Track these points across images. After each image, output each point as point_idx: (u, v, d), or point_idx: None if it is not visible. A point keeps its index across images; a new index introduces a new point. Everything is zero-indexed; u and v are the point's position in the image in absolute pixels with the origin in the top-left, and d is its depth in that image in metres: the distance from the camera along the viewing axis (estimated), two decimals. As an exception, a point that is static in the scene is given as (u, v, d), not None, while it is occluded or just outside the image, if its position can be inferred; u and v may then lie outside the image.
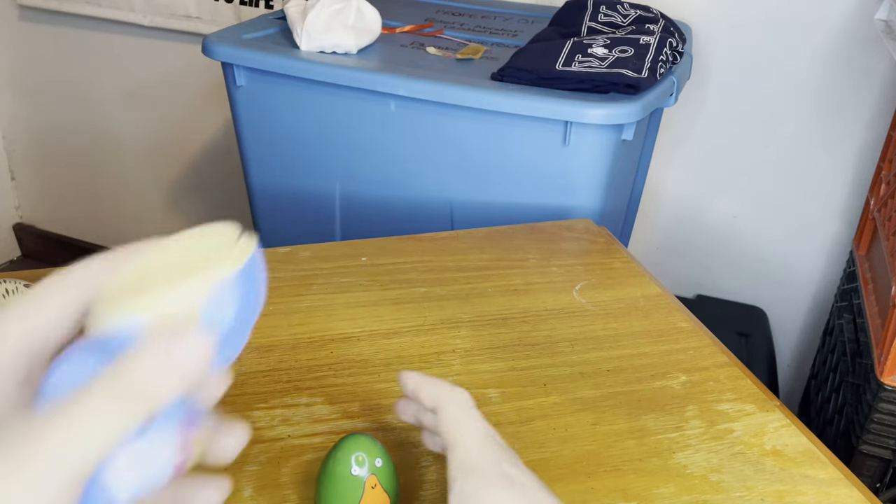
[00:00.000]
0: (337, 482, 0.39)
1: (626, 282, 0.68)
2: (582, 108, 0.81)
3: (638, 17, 1.01)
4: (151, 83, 1.63)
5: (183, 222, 1.78)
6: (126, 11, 1.53)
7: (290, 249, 0.71)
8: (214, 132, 1.62)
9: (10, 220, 1.98)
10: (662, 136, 1.21)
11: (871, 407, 0.85)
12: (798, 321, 1.33)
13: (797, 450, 0.49)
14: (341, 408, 0.51)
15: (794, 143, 1.20)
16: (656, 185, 1.30)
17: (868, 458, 0.88)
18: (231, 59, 0.93)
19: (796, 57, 1.15)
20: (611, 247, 0.75)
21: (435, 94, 0.85)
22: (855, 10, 1.09)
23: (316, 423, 0.50)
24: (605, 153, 0.85)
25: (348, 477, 0.39)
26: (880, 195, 1.04)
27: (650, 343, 0.60)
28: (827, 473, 0.48)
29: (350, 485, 0.39)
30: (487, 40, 1.03)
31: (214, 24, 1.45)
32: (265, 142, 0.99)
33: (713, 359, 0.58)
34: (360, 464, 0.39)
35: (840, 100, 1.15)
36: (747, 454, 0.49)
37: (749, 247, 1.30)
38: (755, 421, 0.52)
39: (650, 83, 0.85)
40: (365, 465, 0.39)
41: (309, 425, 0.50)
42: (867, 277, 1.02)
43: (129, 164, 1.77)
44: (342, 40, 0.93)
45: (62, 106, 1.76)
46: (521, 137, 0.86)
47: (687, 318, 0.63)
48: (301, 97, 0.93)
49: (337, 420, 0.50)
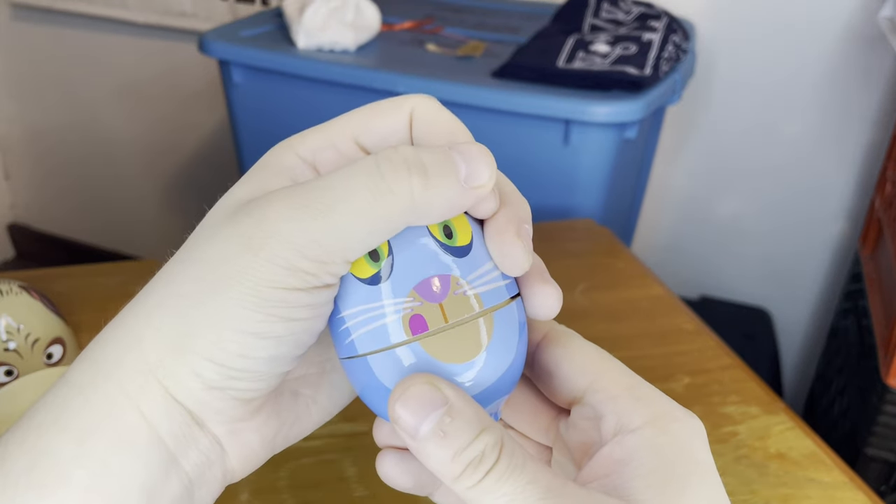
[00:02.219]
0: None
1: (629, 283, 0.67)
2: (584, 106, 0.80)
3: (641, 14, 1.00)
4: (147, 81, 1.62)
5: (178, 221, 1.77)
6: (120, 9, 1.53)
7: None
8: (211, 130, 1.62)
9: (4, 220, 1.98)
10: (666, 134, 1.20)
11: (876, 409, 0.84)
12: (803, 323, 1.32)
13: (802, 453, 0.49)
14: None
15: (798, 141, 1.20)
16: (659, 184, 1.29)
17: (873, 461, 0.87)
18: (228, 57, 0.92)
19: (801, 55, 1.14)
20: (613, 247, 0.74)
21: (435, 91, 0.84)
22: (860, 8, 1.08)
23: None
24: (608, 152, 0.84)
25: None
26: (886, 195, 1.03)
27: (653, 345, 0.59)
28: (832, 477, 0.47)
29: None
30: (488, 37, 1.03)
31: (210, 22, 1.44)
32: (262, 140, 0.99)
33: (717, 361, 0.57)
34: None
35: (845, 98, 1.14)
36: (752, 457, 0.48)
37: (753, 247, 1.30)
38: (760, 423, 0.51)
39: (653, 81, 0.84)
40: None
41: (305, 428, 0.49)
42: (872, 278, 1.01)
43: (124, 162, 1.76)
44: (340, 37, 0.92)
45: (56, 104, 1.76)
46: (522, 136, 0.85)
47: (691, 320, 0.62)
48: (299, 95, 0.92)
49: (335, 423, 0.49)
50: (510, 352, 0.22)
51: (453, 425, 0.20)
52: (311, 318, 0.20)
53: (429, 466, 0.20)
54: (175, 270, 0.21)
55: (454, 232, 0.22)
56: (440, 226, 0.21)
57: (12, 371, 0.47)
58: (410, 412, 0.20)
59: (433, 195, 0.20)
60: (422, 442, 0.20)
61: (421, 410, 0.20)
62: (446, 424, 0.20)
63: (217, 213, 0.22)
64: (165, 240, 1.23)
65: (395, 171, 0.20)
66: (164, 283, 0.21)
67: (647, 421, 0.22)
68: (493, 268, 0.22)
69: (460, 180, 0.20)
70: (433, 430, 0.20)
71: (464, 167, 0.20)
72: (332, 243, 0.19)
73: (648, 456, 0.21)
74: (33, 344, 0.48)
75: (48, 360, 0.49)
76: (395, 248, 0.21)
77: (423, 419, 0.20)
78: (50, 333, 0.49)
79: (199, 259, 0.20)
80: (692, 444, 0.22)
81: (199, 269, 0.20)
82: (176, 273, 0.21)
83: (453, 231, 0.22)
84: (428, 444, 0.20)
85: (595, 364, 0.24)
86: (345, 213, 0.19)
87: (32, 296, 0.49)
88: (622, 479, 0.21)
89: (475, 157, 0.20)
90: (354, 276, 0.21)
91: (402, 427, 0.20)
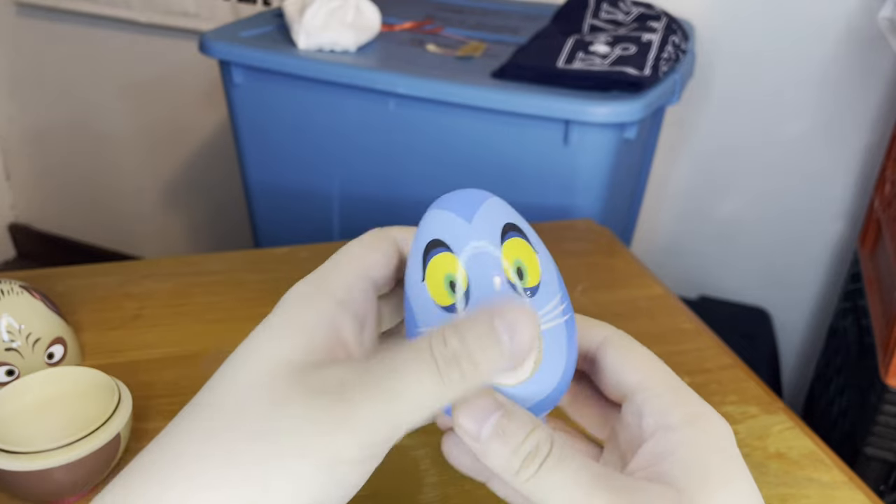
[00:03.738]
0: None
1: (628, 282, 0.68)
2: (584, 107, 0.80)
3: (640, 15, 1.00)
4: (148, 81, 1.62)
5: (180, 221, 1.77)
6: (123, 9, 1.53)
7: (289, 249, 0.70)
8: (212, 131, 1.62)
9: (5, 220, 1.98)
10: (665, 134, 1.20)
11: (875, 409, 0.84)
12: (802, 322, 1.33)
13: (801, 452, 0.49)
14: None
15: (797, 141, 1.20)
16: (659, 184, 1.29)
17: (872, 460, 0.87)
18: (229, 57, 0.93)
19: (800, 55, 1.14)
20: (613, 247, 0.74)
21: (435, 92, 0.84)
22: (859, 8, 1.08)
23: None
24: (608, 152, 0.84)
25: None
26: (885, 195, 1.04)
27: (653, 344, 0.58)
28: (831, 476, 0.47)
29: None
30: (488, 38, 1.03)
31: (212, 22, 1.44)
32: (263, 140, 0.99)
33: (717, 360, 0.57)
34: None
35: (844, 98, 1.14)
36: (751, 457, 0.48)
37: (752, 247, 1.30)
38: (759, 423, 0.51)
39: (653, 81, 0.84)
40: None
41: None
42: (871, 278, 1.01)
43: (125, 163, 1.76)
44: (341, 38, 0.92)
45: (58, 104, 1.76)
46: (522, 136, 0.85)
47: (690, 320, 0.62)
48: (299, 95, 0.93)
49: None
50: (556, 375, 0.25)
51: (510, 425, 0.22)
52: (362, 480, 0.22)
53: (492, 466, 0.23)
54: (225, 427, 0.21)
55: (525, 273, 0.25)
56: (514, 267, 0.25)
57: (13, 371, 0.47)
58: (472, 419, 0.22)
59: (481, 376, 0.22)
60: (484, 443, 0.22)
61: (481, 416, 0.22)
62: (504, 425, 0.22)
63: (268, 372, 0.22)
64: (166, 240, 1.24)
65: (448, 367, 0.21)
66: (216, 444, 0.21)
67: (686, 419, 0.24)
68: (556, 304, 0.25)
69: (504, 355, 0.22)
70: (493, 431, 0.22)
71: (507, 339, 0.21)
72: (400, 426, 0.22)
73: (688, 450, 0.24)
74: (34, 344, 0.48)
75: (49, 360, 0.49)
76: (472, 283, 0.24)
77: (483, 423, 0.22)
78: (51, 333, 0.49)
79: (267, 429, 0.21)
80: (725, 443, 0.25)
81: (270, 437, 0.21)
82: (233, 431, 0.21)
83: (524, 273, 0.25)
84: (490, 444, 0.22)
85: (644, 365, 0.27)
86: (410, 403, 0.21)
87: (33, 296, 0.49)
88: (664, 469, 0.23)
89: (517, 325, 0.22)
90: (434, 301, 0.24)
91: (466, 433, 0.23)
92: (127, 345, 0.56)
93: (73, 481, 0.40)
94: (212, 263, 0.67)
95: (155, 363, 0.54)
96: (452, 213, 0.25)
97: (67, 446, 0.39)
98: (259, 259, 0.69)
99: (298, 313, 0.24)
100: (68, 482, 0.40)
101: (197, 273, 0.66)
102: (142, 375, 0.53)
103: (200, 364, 0.54)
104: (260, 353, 0.23)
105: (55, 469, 0.39)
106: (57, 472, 0.39)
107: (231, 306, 0.61)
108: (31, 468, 0.38)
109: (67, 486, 0.40)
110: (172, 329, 0.58)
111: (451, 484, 0.45)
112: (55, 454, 0.39)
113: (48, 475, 0.39)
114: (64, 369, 0.44)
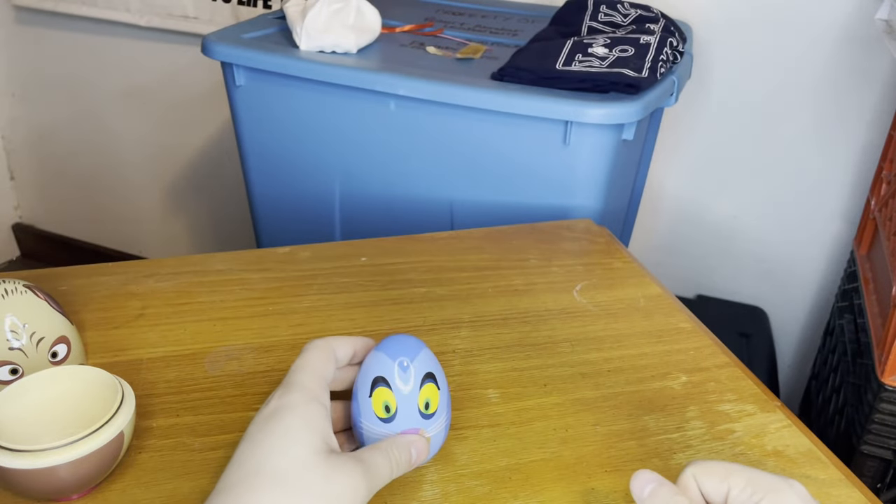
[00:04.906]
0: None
1: (626, 282, 0.68)
2: (582, 108, 0.80)
3: (638, 17, 1.00)
4: (150, 83, 1.63)
5: (182, 223, 1.78)
6: (122, 12, 1.53)
7: (289, 249, 0.71)
8: (214, 132, 1.62)
9: (9, 220, 1.98)
10: (663, 135, 1.21)
11: (871, 407, 0.85)
12: (799, 321, 1.33)
13: (798, 450, 0.49)
14: (340, 408, 0.51)
15: (794, 142, 1.20)
16: (657, 184, 1.29)
17: (869, 458, 0.88)
18: (230, 59, 0.93)
19: (797, 57, 1.14)
20: (611, 247, 0.75)
21: (435, 93, 0.85)
22: (855, 10, 1.08)
23: (314, 423, 0.50)
24: (606, 153, 0.85)
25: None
26: (881, 195, 1.04)
27: (651, 343, 0.59)
28: (828, 474, 0.47)
29: None
30: (487, 40, 1.03)
31: (212, 24, 1.45)
32: (264, 141, 0.99)
33: (714, 359, 0.58)
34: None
35: (841, 99, 1.15)
36: (748, 455, 0.49)
37: (750, 247, 1.30)
38: (756, 421, 0.51)
39: (651, 83, 0.85)
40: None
41: (307, 426, 0.49)
42: (868, 277, 1.02)
43: (128, 164, 1.77)
44: (342, 40, 0.93)
45: (61, 106, 1.76)
46: (521, 137, 0.86)
47: (688, 319, 0.63)
48: (300, 97, 0.93)
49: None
50: (436, 449, 0.44)
51: (660, 490, 0.37)
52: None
53: None
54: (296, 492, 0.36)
55: (430, 405, 0.43)
56: (424, 403, 0.42)
57: (17, 370, 0.48)
58: (637, 485, 0.38)
59: (406, 468, 0.42)
60: (643, 501, 0.37)
61: (641, 484, 0.38)
62: (655, 489, 0.37)
63: (306, 452, 0.37)
64: (169, 240, 1.25)
65: (395, 465, 0.41)
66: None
67: (764, 497, 0.35)
68: (443, 420, 0.44)
69: (413, 462, 0.42)
70: (649, 493, 0.37)
71: (414, 454, 0.42)
72: (379, 485, 0.40)
73: None
74: (38, 343, 0.48)
75: (53, 359, 0.50)
76: (399, 409, 0.42)
77: (643, 488, 0.37)
78: (55, 332, 0.49)
79: (319, 494, 0.36)
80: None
81: (329, 496, 0.37)
82: (301, 494, 0.36)
83: (429, 405, 0.43)
84: (646, 502, 0.37)
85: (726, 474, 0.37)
86: (382, 479, 0.40)
87: (37, 295, 0.49)
88: None
89: (419, 447, 0.42)
90: (374, 413, 0.42)
91: (634, 494, 0.38)
92: (130, 344, 0.56)
93: (76, 479, 0.41)
94: (214, 263, 0.68)
95: (158, 362, 0.55)
96: (394, 361, 0.42)
97: (71, 444, 0.39)
98: (261, 258, 0.69)
99: (310, 416, 0.39)
100: (72, 480, 0.40)
101: (199, 272, 0.66)
102: (145, 374, 0.53)
103: (203, 362, 0.55)
104: (301, 445, 0.37)
105: (59, 467, 0.39)
106: (61, 469, 0.39)
107: (233, 305, 0.62)
108: (35, 466, 0.39)
109: (71, 484, 0.41)
110: (175, 328, 0.58)
111: (451, 481, 0.45)
112: (59, 452, 0.39)
113: (52, 473, 0.39)
114: (67, 368, 0.45)
